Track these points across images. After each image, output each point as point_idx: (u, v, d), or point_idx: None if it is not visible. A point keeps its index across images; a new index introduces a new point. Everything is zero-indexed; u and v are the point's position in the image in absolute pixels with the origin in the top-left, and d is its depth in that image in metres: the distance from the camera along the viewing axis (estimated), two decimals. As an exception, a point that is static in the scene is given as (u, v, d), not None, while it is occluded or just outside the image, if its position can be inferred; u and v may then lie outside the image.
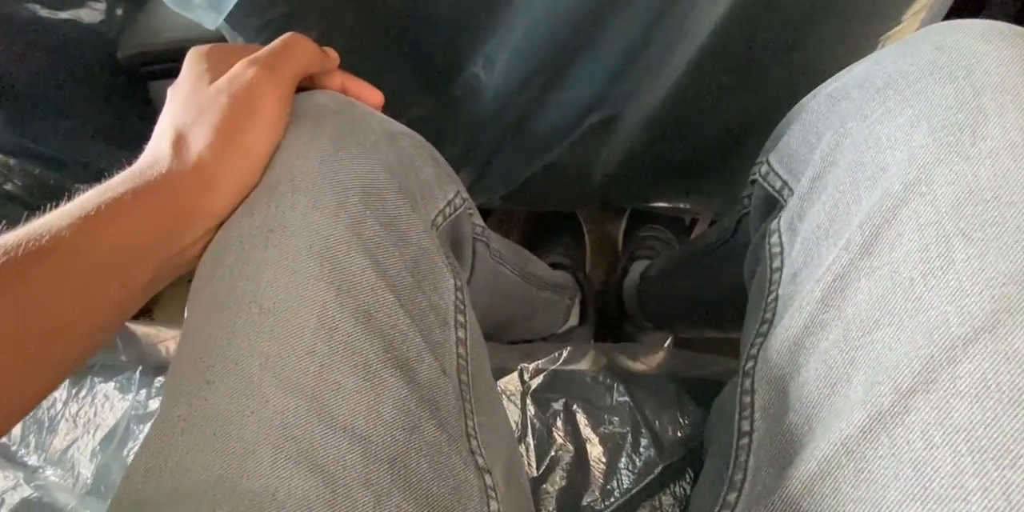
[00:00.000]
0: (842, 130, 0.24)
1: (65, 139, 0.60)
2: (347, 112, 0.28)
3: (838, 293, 0.22)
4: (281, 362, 0.21)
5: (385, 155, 0.27)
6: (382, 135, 0.28)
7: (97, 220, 0.22)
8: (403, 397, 0.22)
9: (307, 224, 0.23)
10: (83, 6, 0.54)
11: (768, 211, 0.30)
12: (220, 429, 0.20)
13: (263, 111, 0.25)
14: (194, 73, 0.27)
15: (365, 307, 0.23)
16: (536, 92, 0.40)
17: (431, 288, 0.26)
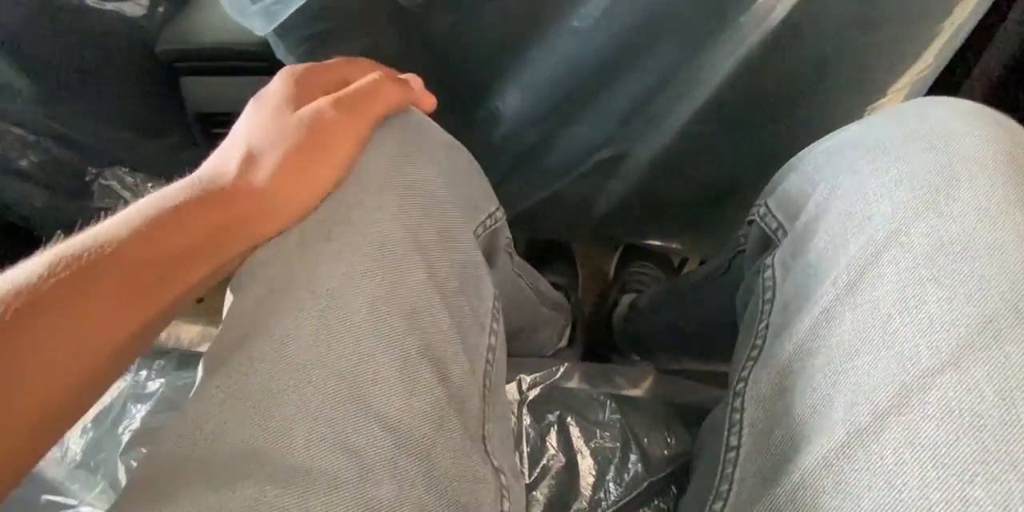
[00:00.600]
0: (835, 182, 0.27)
1: (90, 122, 0.61)
2: (412, 120, 0.30)
3: (824, 324, 0.24)
4: (326, 346, 0.22)
5: (444, 164, 0.29)
6: (441, 145, 0.30)
7: (157, 232, 0.23)
8: (435, 394, 0.24)
9: (370, 222, 0.25)
10: (127, 0, 0.56)
11: (763, 249, 0.32)
12: (259, 403, 0.21)
13: (337, 152, 0.25)
14: (281, 96, 0.27)
15: (412, 305, 0.25)
16: (551, 126, 0.43)
17: (473, 294, 0.28)
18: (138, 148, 0.65)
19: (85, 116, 0.60)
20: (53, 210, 0.75)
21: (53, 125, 0.61)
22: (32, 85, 0.56)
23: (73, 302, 0.21)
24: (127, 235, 0.22)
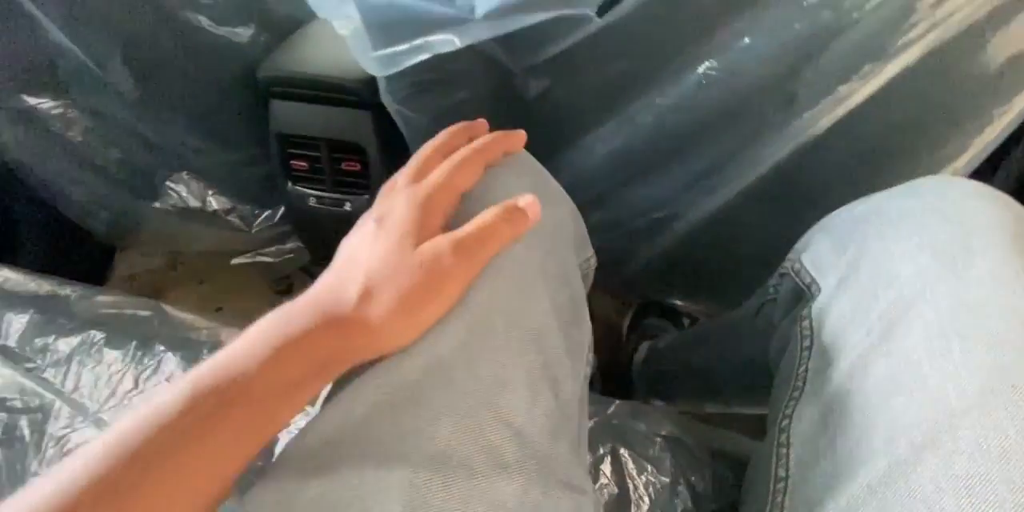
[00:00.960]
0: (864, 246, 0.32)
1: (174, 128, 0.66)
2: (536, 166, 0.35)
3: (861, 368, 0.28)
4: (469, 352, 0.26)
5: (565, 206, 0.34)
6: (559, 189, 0.35)
7: (281, 363, 0.24)
8: (551, 409, 0.27)
9: (510, 252, 0.29)
10: (238, 27, 0.63)
11: (796, 299, 0.37)
12: (411, 395, 0.24)
13: (448, 294, 0.27)
14: (405, 226, 0.28)
15: (539, 328, 0.28)
16: (615, 184, 0.48)
17: (579, 325, 0.31)
18: (211, 157, 0.70)
19: (172, 122, 0.66)
20: (117, 204, 0.78)
21: (140, 126, 0.65)
22: (135, 88, 0.61)
23: (212, 437, 0.22)
24: (255, 368, 0.23)
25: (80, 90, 0.61)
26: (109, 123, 0.64)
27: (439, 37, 0.38)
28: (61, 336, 0.51)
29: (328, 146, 0.62)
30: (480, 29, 0.35)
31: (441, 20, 0.38)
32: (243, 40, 0.63)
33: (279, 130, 0.63)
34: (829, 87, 0.35)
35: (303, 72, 0.60)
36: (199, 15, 0.59)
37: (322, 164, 0.63)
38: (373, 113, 0.61)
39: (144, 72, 0.60)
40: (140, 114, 0.63)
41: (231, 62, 0.63)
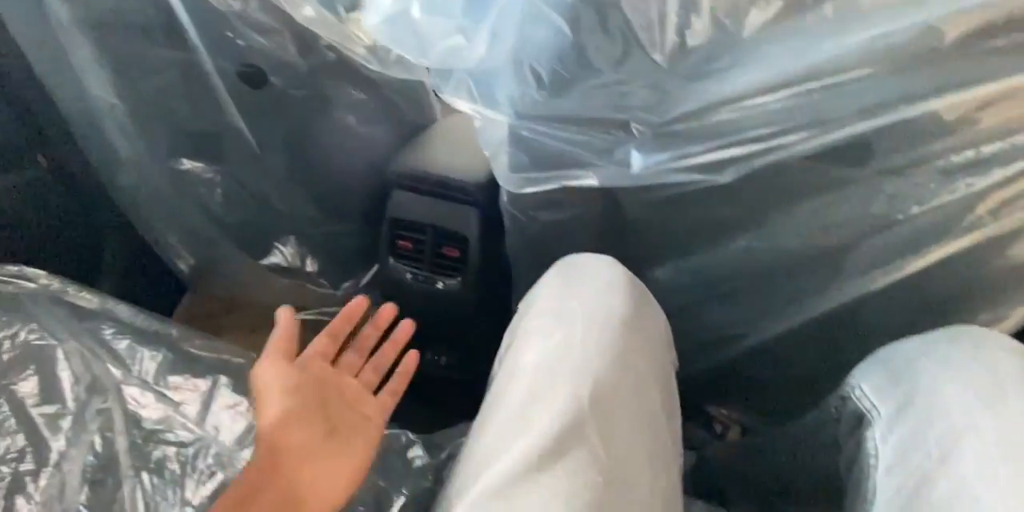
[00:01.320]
0: (916, 382, 0.39)
1: (302, 201, 0.76)
2: (638, 281, 0.45)
3: (925, 486, 0.34)
4: (630, 411, 0.34)
5: (661, 315, 0.43)
6: (654, 300, 0.44)
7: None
8: (673, 483, 0.34)
9: (630, 352, 0.38)
10: (376, 126, 0.74)
11: (857, 420, 0.43)
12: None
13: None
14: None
15: (667, 412, 0.36)
16: (695, 301, 0.57)
17: (677, 418, 0.39)
18: (322, 226, 0.80)
19: (301, 195, 0.76)
20: (219, 255, 0.87)
21: (273, 196, 0.76)
22: (284, 166, 0.72)
23: None
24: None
25: (234, 162, 0.72)
26: (247, 190, 0.75)
27: (581, 176, 0.49)
28: (193, 376, 0.57)
29: (434, 232, 0.72)
30: (622, 178, 0.45)
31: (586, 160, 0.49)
32: (377, 137, 0.75)
33: (394, 214, 0.73)
34: (889, 259, 0.45)
35: (427, 171, 0.71)
36: (350, 114, 0.71)
37: (425, 247, 0.72)
38: (480, 210, 0.71)
39: (295, 154, 0.71)
40: (278, 186, 0.74)
41: (365, 153, 0.74)
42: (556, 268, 0.50)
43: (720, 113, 0.37)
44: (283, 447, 0.36)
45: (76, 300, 0.68)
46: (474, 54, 0.40)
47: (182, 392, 0.55)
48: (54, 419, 0.53)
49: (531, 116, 0.46)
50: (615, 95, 0.39)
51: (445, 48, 0.40)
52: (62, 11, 0.61)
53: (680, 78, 0.35)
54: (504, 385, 0.41)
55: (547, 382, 0.38)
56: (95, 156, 0.84)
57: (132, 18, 0.60)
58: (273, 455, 0.36)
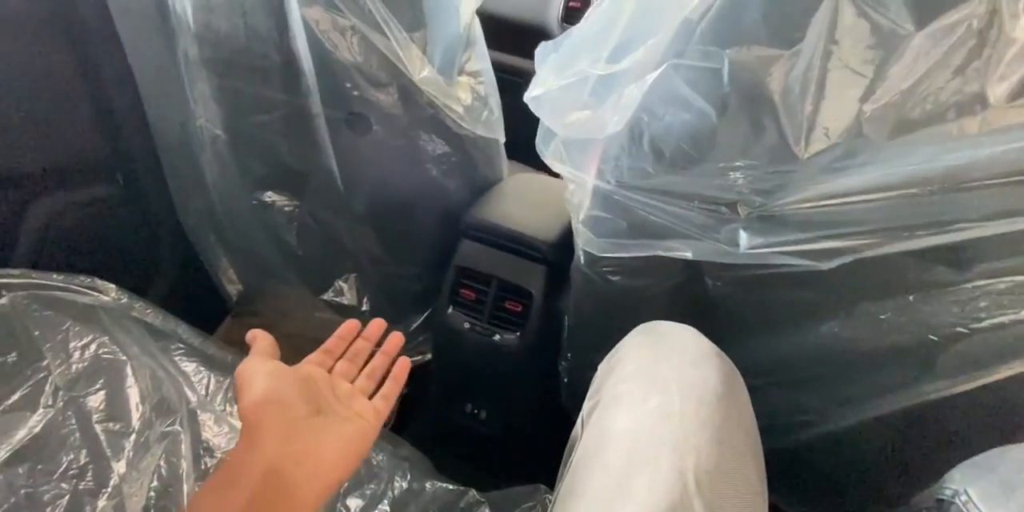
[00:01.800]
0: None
1: (371, 242, 0.78)
2: (721, 352, 0.46)
3: None
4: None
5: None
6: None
7: None
8: None
9: (728, 419, 0.39)
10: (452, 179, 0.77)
11: None
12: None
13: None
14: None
15: (762, 492, 0.37)
16: (770, 382, 0.57)
17: (766, 497, 0.39)
18: (385, 268, 0.81)
19: (371, 237, 0.78)
20: (279, 285, 0.89)
21: (346, 235, 0.78)
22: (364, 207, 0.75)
23: None
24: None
25: (316, 199, 0.75)
26: (322, 226, 0.77)
27: (675, 248, 0.50)
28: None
29: (498, 284, 0.73)
30: (721, 254, 0.47)
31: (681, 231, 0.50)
32: (452, 188, 0.78)
33: (460, 263, 0.75)
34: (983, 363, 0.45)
35: (499, 224, 0.73)
36: (434, 165, 0.74)
37: (487, 298, 0.74)
38: (547, 267, 0.73)
39: (376, 197, 0.74)
40: (352, 225, 0.76)
41: (440, 202, 0.77)
42: (641, 334, 0.51)
43: (840, 204, 0.39)
44: (265, 424, 0.35)
45: (143, 316, 0.69)
46: (598, 127, 0.42)
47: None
48: (118, 437, 0.53)
49: (632, 186, 0.49)
50: (733, 176, 0.41)
51: (575, 119, 0.43)
52: (192, 49, 0.66)
53: (811, 169, 0.37)
54: (596, 450, 0.41)
55: (648, 452, 0.38)
56: (175, 179, 0.87)
57: (256, 61, 0.64)
58: (254, 433, 0.34)
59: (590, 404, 0.47)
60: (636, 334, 0.51)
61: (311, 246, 0.79)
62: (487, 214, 0.75)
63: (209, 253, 0.95)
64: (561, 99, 0.43)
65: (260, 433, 0.35)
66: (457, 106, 0.67)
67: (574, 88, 0.42)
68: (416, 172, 0.73)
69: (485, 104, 0.75)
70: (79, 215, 0.87)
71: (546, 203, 0.80)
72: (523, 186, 0.84)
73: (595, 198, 0.54)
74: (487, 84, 0.75)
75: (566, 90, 0.42)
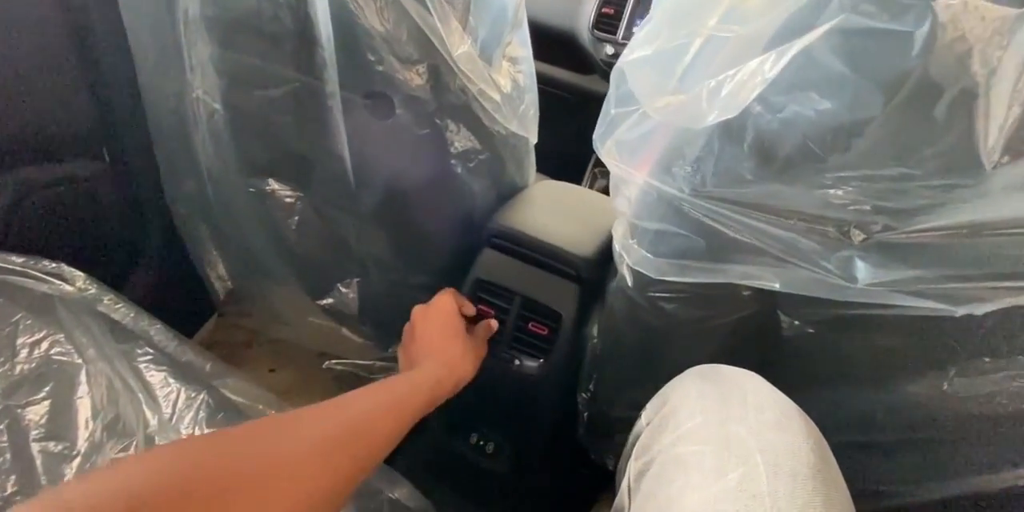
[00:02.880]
0: None
1: (378, 244, 0.69)
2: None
3: None
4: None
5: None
6: None
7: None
8: None
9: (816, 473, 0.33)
10: (477, 179, 0.69)
11: None
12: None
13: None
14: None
15: None
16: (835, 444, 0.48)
17: None
18: (390, 274, 0.72)
19: (379, 238, 0.69)
20: (274, 285, 0.79)
21: (350, 233, 0.69)
22: (376, 204, 0.65)
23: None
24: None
25: (322, 191, 0.66)
26: (326, 223, 0.68)
27: (758, 275, 0.41)
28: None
29: (523, 303, 0.64)
30: (823, 288, 0.38)
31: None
32: (476, 190, 0.69)
33: (480, 276, 0.65)
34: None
35: (528, 234, 0.64)
36: (458, 162, 0.65)
37: (508, 317, 0.64)
38: (582, 288, 0.63)
39: (391, 194, 0.64)
40: (360, 224, 0.67)
41: (461, 205, 0.68)
42: (699, 380, 0.41)
43: (1004, 234, 0.30)
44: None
45: (111, 312, 0.59)
46: (692, 115, 0.33)
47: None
48: (58, 461, 0.43)
49: (714, 196, 0.40)
50: (865, 189, 0.32)
51: (665, 103, 0.34)
52: (193, 4, 0.57)
53: (986, 186, 0.28)
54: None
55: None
56: (165, 159, 0.78)
57: (265, 25, 0.55)
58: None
59: (638, 465, 0.38)
60: (692, 379, 0.42)
61: (312, 244, 0.69)
62: (515, 221, 0.66)
63: (198, 245, 0.85)
64: (657, 69, 0.34)
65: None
66: (494, 93, 0.58)
67: (672, 57, 0.33)
68: (438, 168, 0.64)
69: (522, 97, 0.66)
70: (55, 192, 0.78)
71: (580, 214, 0.71)
72: (554, 194, 0.75)
73: (658, 209, 0.44)
74: (526, 75, 0.66)
75: (663, 59, 0.33)
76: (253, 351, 1.06)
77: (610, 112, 0.41)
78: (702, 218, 0.41)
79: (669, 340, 0.54)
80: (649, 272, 0.48)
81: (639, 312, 0.54)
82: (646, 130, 0.42)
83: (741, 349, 0.52)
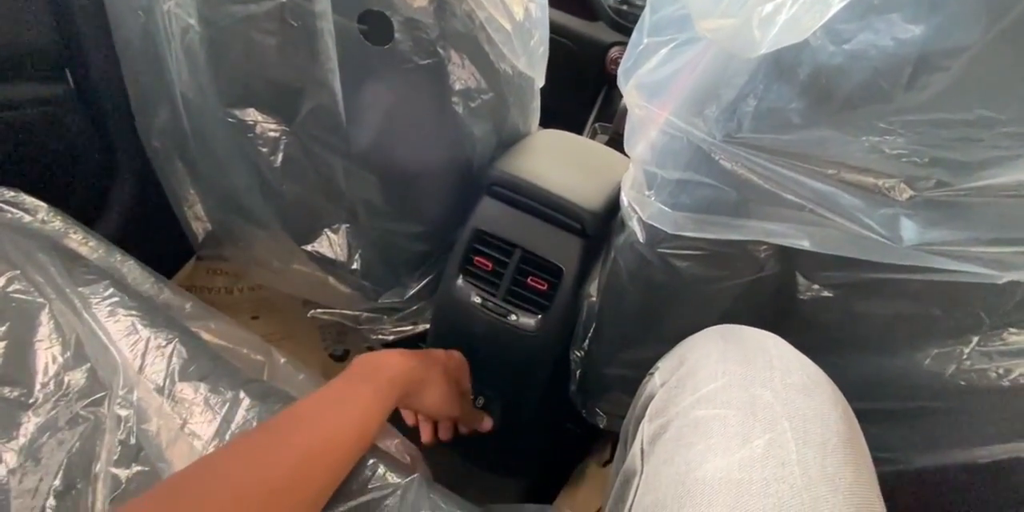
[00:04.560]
0: None
1: (369, 187, 0.64)
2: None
3: None
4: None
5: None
6: None
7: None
8: None
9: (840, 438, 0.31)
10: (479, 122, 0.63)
11: None
12: None
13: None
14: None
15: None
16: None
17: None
18: (382, 221, 0.67)
19: (370, 181, 0.64)
20: (259, 229, 0.74)
21: (339, 173, 0.64)
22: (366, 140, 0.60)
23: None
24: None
25: (309, 125, 0.60)
26: (313, 160, 0.63)
27: (787, 234, 0.38)
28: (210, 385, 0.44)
29: (523, 257, 0.60)
30: (859, 247, 0.35)
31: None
32: (477, 133, 0.64)
33: (479, 225, 0.61)
34: None
35: (533, 183, 0.60)
36: (460, 100, 0.60)
37: (506, 270, 0.61)
38: (585, 243, 0.60)
39: (385, 131, 0.59)
40: (349, 163, 0.62)
41: (460, 148, 0.63)
42: (719, 340, 0.39)
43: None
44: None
45: (78, 247, 0.55)
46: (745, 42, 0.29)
47: (193, 406, 0.41)
48: (13, 410, 0.39)
49: (748, 143, 0.36)
50: (922, 137, 0.28)
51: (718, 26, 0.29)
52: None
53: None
54: (676, 500, 0.29)
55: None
56: (136, 84, 0.71)
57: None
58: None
59: (652, 427, 0.36)
60: (712, 339, 0.39)
61: (298, 185, 0.64)
62: (518, 169, 0.61)
63: (174, 182, 0.80)
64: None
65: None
66: (505, 22, 0.53)
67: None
68: (437, 105, 0.58)
69: (533, 30, 0.60)
70: (11, 116, 0.71)
71: (587, 165, 0.66)
72: (559, 143, 0.71)
73: (683, 156, 0.40)
74: (540, 6, 0.60)
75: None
76: (234, 297, 1.02)
77: (642, 41, 0.37)
78: (734, 167, 0.37)
79: (677, 300, 0.51)
80: (664, 226, 0.45)
81: (647, 270, 0.51)
82: (679, 66, 0.38)
83: (752, 312, 0.50)
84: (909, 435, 0.46)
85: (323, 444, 0.37)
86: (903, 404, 0.45)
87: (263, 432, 0.37)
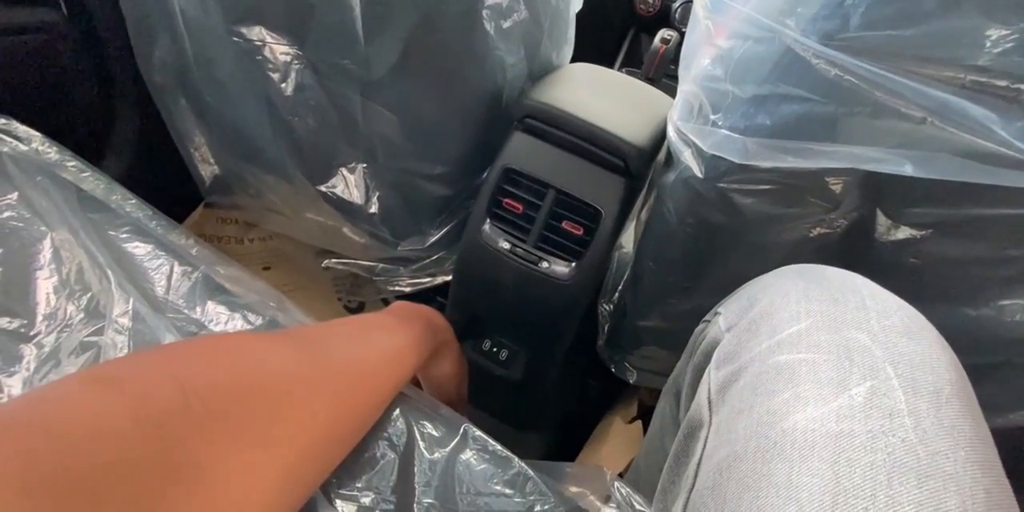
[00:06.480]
0: None
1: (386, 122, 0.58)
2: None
3: None
4: None
5: None
6: None
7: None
8: None
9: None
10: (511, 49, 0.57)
11: None
12: None
13: None
14: None
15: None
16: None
17: None
18: (401, 160, 0.62)
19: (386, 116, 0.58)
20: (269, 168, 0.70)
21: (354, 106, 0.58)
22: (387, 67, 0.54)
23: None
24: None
25: (324, 48, 0.54)
26: (327, 90, 0.57)
27: (888, 160, 0.32)
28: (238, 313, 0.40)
29: (557, 198, 0.55)
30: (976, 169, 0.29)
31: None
32: (508, 60, 0.58)
33: (508, 163, 0.56)
34: None
35: (573, 115, 0.54)
36: (491, 21, 0.53)
37: (539, 213, 0.56)
38: (628, 183, 0.54)
39: (407, 57, 0.53)
40: (367, 93, 0.56)
41: (489, 78, 0.57)
42: (800, 279, 0.34)
43: None
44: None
45: (77, 180, 0.50)
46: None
47: (202, 330, 0.38)
48: (13, 341, 0.36)
49: (853, 46, 0.30)
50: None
51: None
52: None
53: None
54: (761, 454, 0.25)
55: (872, 478, 0.22)
56: (134, 8, 0.65)
57: None
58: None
59: (721, 375, 0.31)
60: (790, 277, 0.35)
61: (310, 116, 0.59)
62: (554, 99, 0.55)
63: (178, 122, 0.74)
64: None
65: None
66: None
67: None
68: (468, 23, 0.52)
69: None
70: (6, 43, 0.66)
71: (629, 97, 0.60)
72: (595, 76, 0.64)
73: (766, 66, 0.34)
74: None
75: None
76: (245, 247, 0.98)
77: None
78: (837, 74, 0.31)
79: (735, 244, 0.46)
80: (732, 156, 0.39)
81: (703, 210, 0.46)
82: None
83: (818, 257, 0.44)
84: (997, 393, 0.41)
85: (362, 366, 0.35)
86: (991, 358, 0.41)
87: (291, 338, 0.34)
